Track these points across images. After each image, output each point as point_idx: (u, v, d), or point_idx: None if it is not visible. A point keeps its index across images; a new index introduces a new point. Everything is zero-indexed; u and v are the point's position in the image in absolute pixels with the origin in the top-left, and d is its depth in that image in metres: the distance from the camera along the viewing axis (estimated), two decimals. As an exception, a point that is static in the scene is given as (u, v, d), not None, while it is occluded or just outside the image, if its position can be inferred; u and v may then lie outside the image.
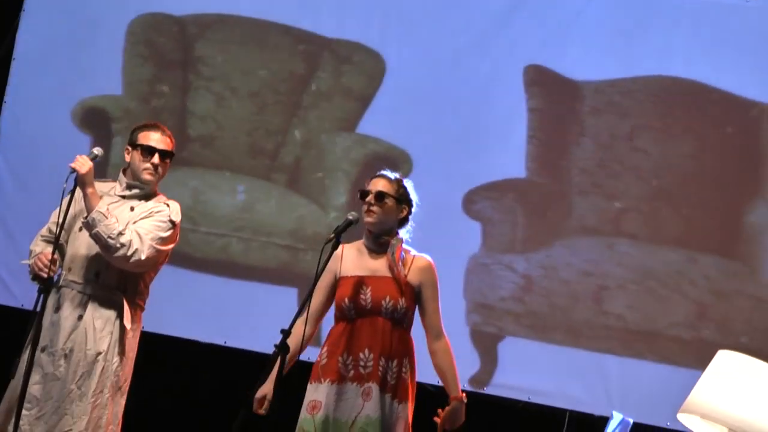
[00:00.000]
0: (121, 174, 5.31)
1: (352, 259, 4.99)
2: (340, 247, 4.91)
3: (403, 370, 4.88)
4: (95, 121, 7.45)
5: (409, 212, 5.03)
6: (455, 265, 6.64)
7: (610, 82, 6.75)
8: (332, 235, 4.80)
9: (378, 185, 5.00)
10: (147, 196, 5.28)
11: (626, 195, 6.62)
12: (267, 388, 4.86)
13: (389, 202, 4.97)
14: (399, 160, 6.96)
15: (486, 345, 6.66)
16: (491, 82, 6.90)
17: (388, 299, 4.87)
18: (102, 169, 7.37)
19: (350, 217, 4.88)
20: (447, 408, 4.87)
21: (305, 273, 7.01)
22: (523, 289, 6.66)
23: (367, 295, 4.90)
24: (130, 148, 5.29)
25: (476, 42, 6.94)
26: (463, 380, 5.66)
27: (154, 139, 5.28)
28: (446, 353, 4.93)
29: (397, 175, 5.08)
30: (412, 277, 4.93)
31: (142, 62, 7.43)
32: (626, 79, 6.73)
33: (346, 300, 4.91)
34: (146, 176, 5.24)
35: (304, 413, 4.89)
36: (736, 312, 6.42)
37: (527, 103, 6.83)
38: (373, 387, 4.83)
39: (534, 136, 6.80)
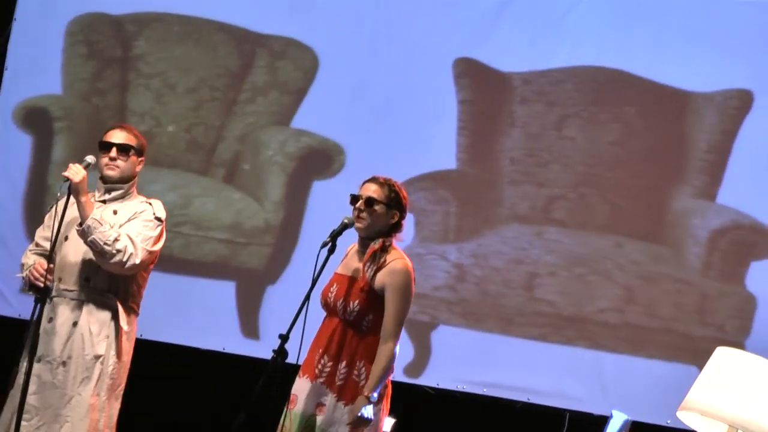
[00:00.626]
0: (98, 180, 5.34)
1: (348, 258, 5.03)
2: (352, 245, 4.99)
3: (355, 372, 4.86)
4: (36, 120, 7.51)
5: (401, 217, 4.99)
6: (389, 256, 6.69)
7: (539, 72, 6.83)
8: (328, 239, 4.85)
9: (368, 191, 4.96)
10: (127, 198, 5.32)
11: (555, 183, 6.70)
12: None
13: (378, 208, 4.93)
14: (333, 153, 7.04)
15: (419, 334, 6.73)
16: (422, 75, 6.96)
17: (341, 300, 4.90)
18: (44, 168, 7.47)
19: (345, 221, 4.91)
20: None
21: (243, 267, 7.10)
22: (455, 278, 6.73)
23: (333, 294, 4.94)
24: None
25: (406, 35, 7.02)
26: (397, 369, 5.64)
27: (111, 135, 5.32)
28: (381, 356, 4.81)
29: (390, 180, 5.04)
30: (380, 278, 4.88)
31: (82, 61, 7.48)
32: (555, 69, 6.80)
33: (321, 297, 4.98)
34: (107, 171, 5.27)
35: (286, 407, 4.95)
36: (662, 295, 6.50)
37: (457, 95, 6.90)
38: (325, 388, 4.85)
39: (464, 128, 6.87)
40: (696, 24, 6.63)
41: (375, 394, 4.79)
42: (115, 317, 5.17)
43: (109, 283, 5.19)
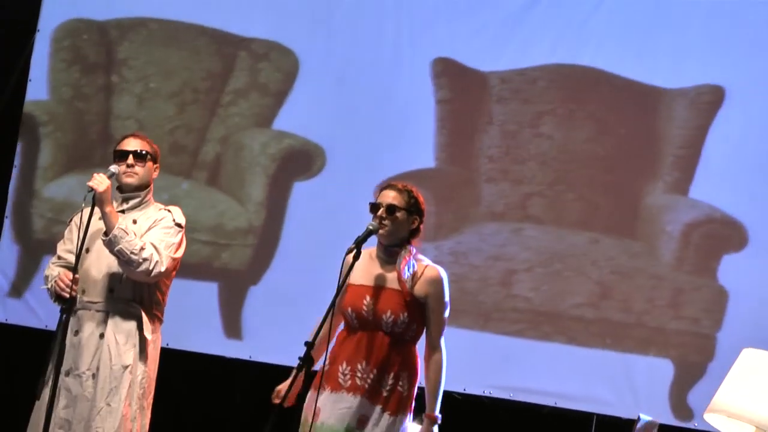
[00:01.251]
0: (116, 191, 5.32)
1: (362, 266, 4.91)
2: (348, 253, 4.88)
3: (400, 383, 4.84)
4: (23, 126, 7.57)
5: (421, 222, 4.96)
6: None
7: (516, 71, 6.89)
8: (353, 246, 4.79)
9: (388, 198, 4.92)
10: (144, 206, 5.34)
11: (532, 180, 6.76)
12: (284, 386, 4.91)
13: (400, 215, 4.89)
14: (314, 154, 7.10)
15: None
16: (400, 76, 7.03)
17: (389, 313, 4.83)
18: (31, 174, 7.54)
19: (370, 227, 4.84)
20: (421, 428, 4.87)
21: (226, 268, 7.17)
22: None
23: (369, 307, 4.86)
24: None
25: (384, 36, 7.08)
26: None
27: (126, 143, 5.35)
28: (436, 368, 4.87)
29: (407, 185, 5.00)
30: (420, 288, 4.86)
31: (67, 66, 7.55)
32: (531, 68, 6.85)
33: (350, 309, 4.90)
34: (126, 179, 5.29)
35: (304, 418, 4.91)
36: (636, 290, 6.54)
37: (435, 95, 6.96)
38: (367, 399, 4.81)
39: (443, 127, 6.94)
40: (668, 20, 6.68)
41: (439, 414, 4.87)
42: (140, 326, 5.17)
43: (133, 293, 5.20)
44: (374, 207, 4.93)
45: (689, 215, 6.54)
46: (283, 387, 4.91)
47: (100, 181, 5.07)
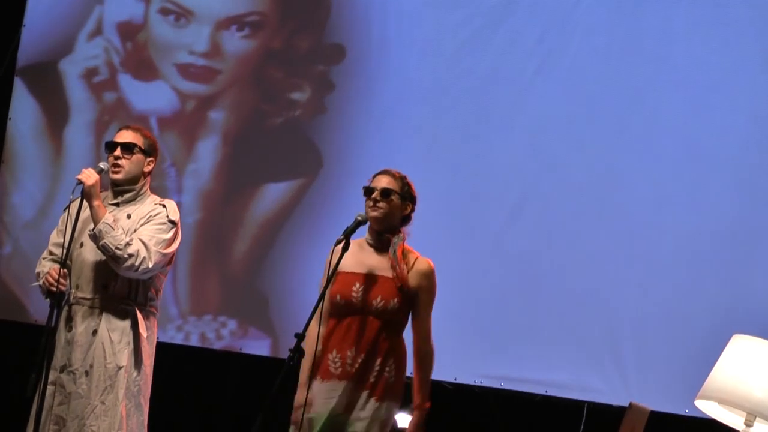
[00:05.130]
0: (110, 184, 5.29)
1: (352, 255, 4.91)
2: (337, 244, 4.89)
3: (387, 369, 4.85)
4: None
5: (412, 209, 5.01)
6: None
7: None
8: (342, 237, 4.81)
9: (383, 182, 4.96)
10: (140, 199, 5.29)
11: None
12: (302, 396, 4.88)
13: (395, 198, 4.94)
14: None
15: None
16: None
17: (379, 299, 4.85)
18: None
19: (359, 218, 4.87)
20: (411, 420, 4.87)
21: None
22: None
23: (359, 293, 4.88)
24: None
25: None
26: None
27: (117, 135, 5.30)
28: (427, 359, 4.90)
29: (401, 172, 5.04)
30: (412, 279, 4.90)
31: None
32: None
33: (338, 297, 4.90)
34: (111, 174, 5.24)
35: (298, 407, 4.90)
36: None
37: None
38: (356, 385, 4.82)
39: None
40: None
41: (428, 405, 4.88)
42: (135, 324, 5.13)
43: (128, 289, 5.16)
44: (368, 191, 4.97)
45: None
46: (300, 400, 4.89)
47: (88, 175, 5.04)
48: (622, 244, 6.55)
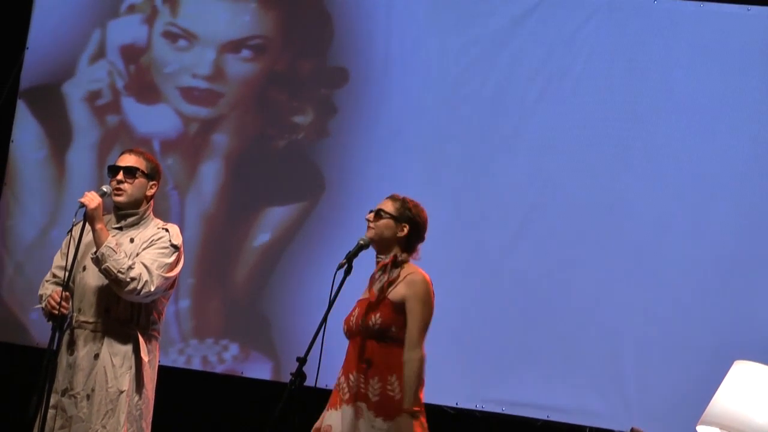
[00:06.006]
0: (114, 208, 5.28)
1: (371, 281, 5.02)
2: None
3: (389, 386, 4.82)
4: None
5: (412, 232, 4.98)
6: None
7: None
8: (344, 261, 4.84)
9: (381, 204, 5.02)
10: (143, 223, 5.28)
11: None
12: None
13: (387, 219, 4.95)
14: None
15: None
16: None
17: (374, 319, 4.85)
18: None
19: (361, 242, 4.91)
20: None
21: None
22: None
23: (356, 318, 4.93)
24: None
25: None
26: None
27: (120, 159, 5.29)
28: (411, 364, 4.79)
29: (407, 197, 5.04)
30: (399, 290, 4.88)
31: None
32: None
33: (343, 325, 4.98)
34: (114, 198, 5.22)
35: None
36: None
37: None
38: (362, 406, 4.81)
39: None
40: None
41: (416, 408, 4.77)
42: (136, 348, 5.10)
43: (130, 313, 5.14)
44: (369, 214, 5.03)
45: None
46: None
47: (91, 198, 5.03)
48: (625, 268, 6.57)
